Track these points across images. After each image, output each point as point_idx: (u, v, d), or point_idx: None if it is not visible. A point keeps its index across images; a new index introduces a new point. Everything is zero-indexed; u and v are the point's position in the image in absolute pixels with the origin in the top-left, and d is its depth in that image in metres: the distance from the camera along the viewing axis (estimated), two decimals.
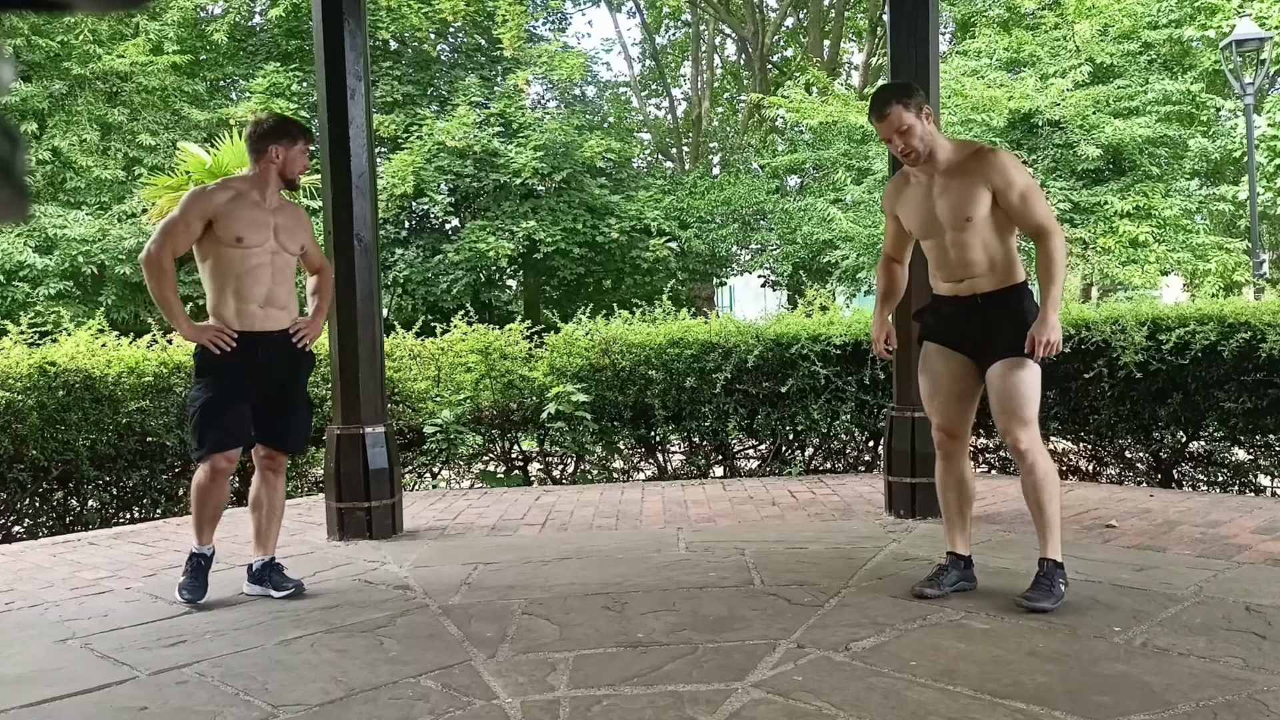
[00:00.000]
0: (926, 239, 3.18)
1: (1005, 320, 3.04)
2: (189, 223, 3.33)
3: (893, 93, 3.11)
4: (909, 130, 3.02)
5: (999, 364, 3.04)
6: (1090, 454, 5.84)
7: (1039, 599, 2.96)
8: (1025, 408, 3.01)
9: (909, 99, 3.05)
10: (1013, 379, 3.01)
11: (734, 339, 6.10)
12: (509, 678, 2.52)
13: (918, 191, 3.15)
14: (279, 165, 3.43)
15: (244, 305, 3.35)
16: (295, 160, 3.46)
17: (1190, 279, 14.60)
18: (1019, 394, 3.00)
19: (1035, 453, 3.03)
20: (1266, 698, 2.23)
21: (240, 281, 3.34)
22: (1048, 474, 3.04)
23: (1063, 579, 3.03)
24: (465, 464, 6.45)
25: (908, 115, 3.02)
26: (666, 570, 3.60)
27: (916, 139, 3.04)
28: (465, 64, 18.71)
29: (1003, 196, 3.00)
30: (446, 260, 16.25)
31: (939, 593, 3.12)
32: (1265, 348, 4.82)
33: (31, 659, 2.80)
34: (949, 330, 3.18)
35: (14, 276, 15.49)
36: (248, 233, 3.34)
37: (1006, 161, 3.03)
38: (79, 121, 16.69)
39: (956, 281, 3.12)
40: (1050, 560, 3.04)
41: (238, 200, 3.37)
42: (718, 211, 17.57)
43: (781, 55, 24.56)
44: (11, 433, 5.02)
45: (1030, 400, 3.01)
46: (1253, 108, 12.52)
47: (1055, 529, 3.06)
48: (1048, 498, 3.03)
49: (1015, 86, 14.38)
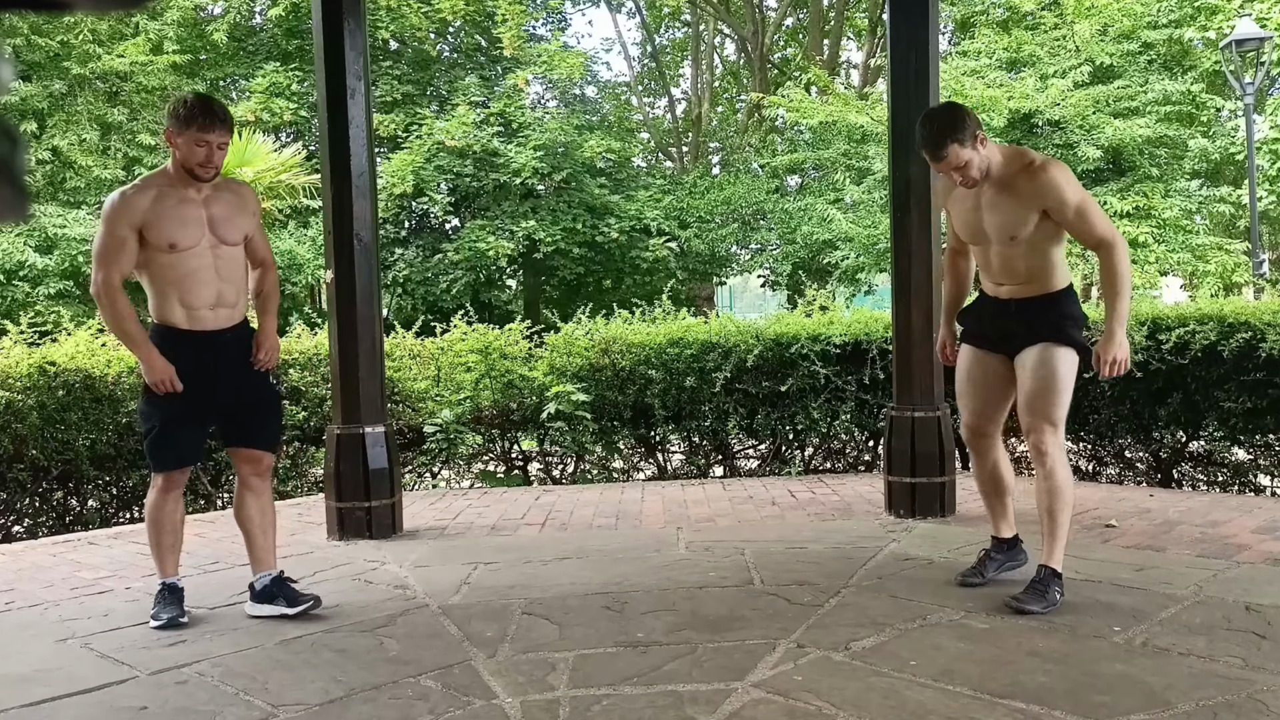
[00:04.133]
0: (973, 244, 3.16)
1: (1041, 317, 3.01)
2: (121, 239, 2.99)
3: (947, 130, 2.93)
4: (967, 165, 2.94)
5: (1033, 352, 2.99)
6: (1090, 454, 5.84)
7: (1029, 601, 2.92)
8: (1055, 408, 2.95)
9: (963, 133, 2.91)
10: (1044, 373, 2.96)
11: (734, 339, 6.10)
12: (509, 677, 2.52)
13: (967, 199, 3.10)
14: (177, 153, 3.03)
15: (192, 311, 3.06)
16: (185, 148, 2.99)
17: (1190, 280, 14.60)
18: (1050, 391, 2.95)
19: (1056, 459, 2.98)
20: (1266, 698, 2.23)
21: (183, 287, 3.03)
22: (1065, 483, 2.99)
23: (1059, 589, 2.98)
24: (465, 464, 6.45)
25: (965, 152, 2.92)
26: (666, 570, 3.60)
27: (975, 170, 2.96)
28: (465, 64, 18.71)
29: (1058, 214, 2.94)
30: (446, 260, 16.25)
31: (982, 580, 3.18)
32: (1265, 348, 4.82)
33: (31, 659, 2.80)
34: (986, 328, 3.17)
35: (14, 276, 15.48)
36: (180, 235, 3.00)
37: (1058, 180, 2.93)
38: (79, 121, 16.69)
39: (998, 284, 3.12)
40: (1049, 568, 3.00)
41: (162, 199, 3.01)
42: (717, 211, 17.58)
43: (782, 55, 24.56)
44: (11, 433, 5.01)
45: (1061, 400, 2.96)
46: (1253, 108, 12.52)
47: (1062, 539, 3.01)
48: (1061, 506, 2.98)
49: (1015, 86, 14.38)
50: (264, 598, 3.17)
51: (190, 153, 2.99)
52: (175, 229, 3.00)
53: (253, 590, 3.22)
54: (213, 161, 3.01)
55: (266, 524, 3.25)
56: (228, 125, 3.04)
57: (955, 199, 3.16)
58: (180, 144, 3.00)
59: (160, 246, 3.00)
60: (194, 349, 3.05)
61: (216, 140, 3.00)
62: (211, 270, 3.06)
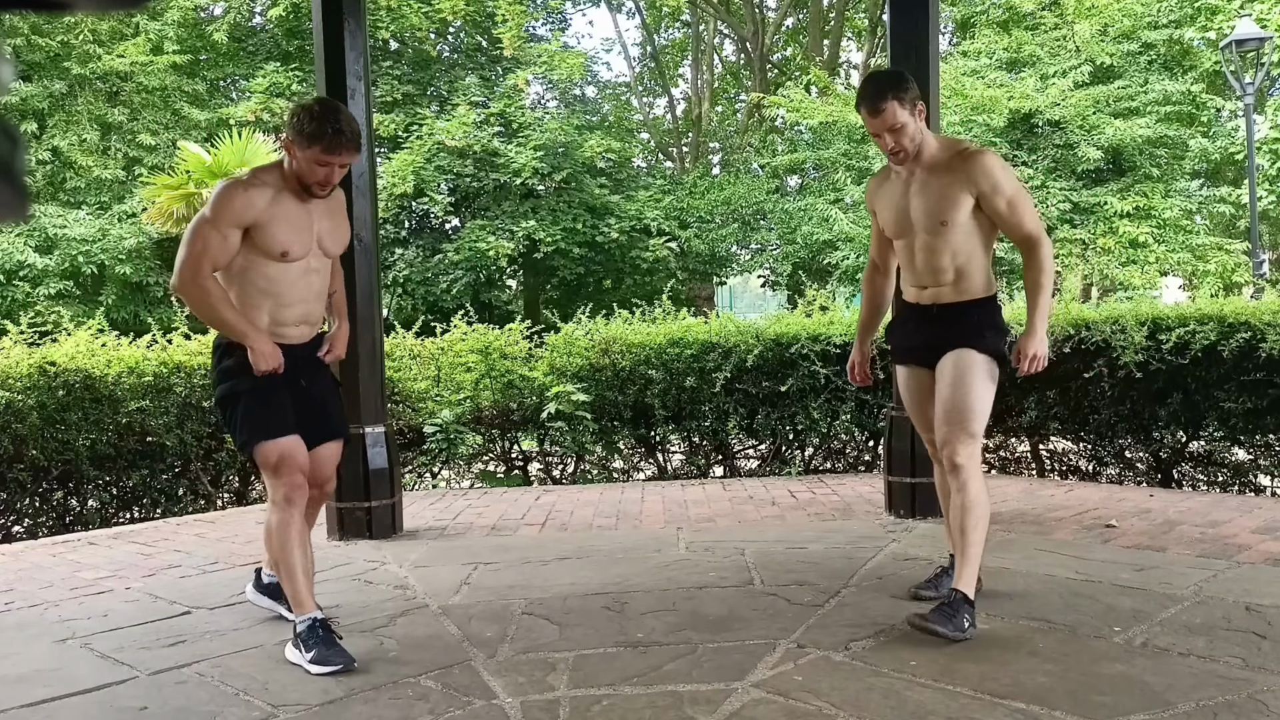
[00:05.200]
0: (899, 238, 2.99)
1: (962, 322, 2.88)
2: (226, 235, 2.69)
3: (888, 84, 2.86)
4: (901, 128, 2.83)
5: (949, 361, 2.85)
6: (1090, 454, 5.84)
7: (937, 622, 2.66)
8: (972, 419, 2.79)
9: (904, 93, 2.83)
10: (962, 385, 2.81)
11: (734, 339, 6.10)
12: (509, 678, 2.52)
13: (896, 187, 2.97)
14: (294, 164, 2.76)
15: (279, 328, 2.81)
16: (304, 164, 2.73)
17: (1190, 280, 14.60)
18: (967, 403, 2.80)
19: (970, 472, 2.79)
20: (1266, 698, 2.23)
21: (278, 300, 2.78)
22: (978, 498, 2.79)
23: (969, 616, 2.70)
24: (465, 464, 6.45)
25: (902, 112, 2.81)
26: (666, 570, 3.60)
27: (908, 138, 2.85)
28: (465, 64, 18.72)
29: (988, 202, 2.81)
30: (446, 260, 16.26)
31: (936, 595, 2.96)
32: (1265, 348, 4.82)
33: (31, 659, 2.80)
34: (910, 343, 3.04)
35: (14, 276, 15.49)
36: (295, 244, 2.75)
37: (994, 164, 2.82)
38: (79, 121, 16.69)
39: (920, 288, 2.96)
40: (960, 593, 2.73)
41: (278, 202, 2.75)
42: (718, 211, 17.58)
43: (782, 55, 24.56)
44: (11, 433, 5.01)
45: (979, 412, 2.80)
46: (1253, 108, 12.52)
47: (974, 561, 2.78)
48: (973, 523, 2.77)
49: (1015, 87, 14.39)
50: (270, 592, 3.10)
51: (309, 170, 2.73)
52: (291, 236, 2.75)
53: (258, 578, 3.16)
54: (331, 182, 2.78)
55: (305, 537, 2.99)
56: (356, 145, 2.75)
57: (883, 192, 3.02)
58: (300, 158, 2.72)
59: (270, 253, 2.73)
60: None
61: (339, 162, 2.75)
62: (306, 286, 2.83)
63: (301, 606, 2.72)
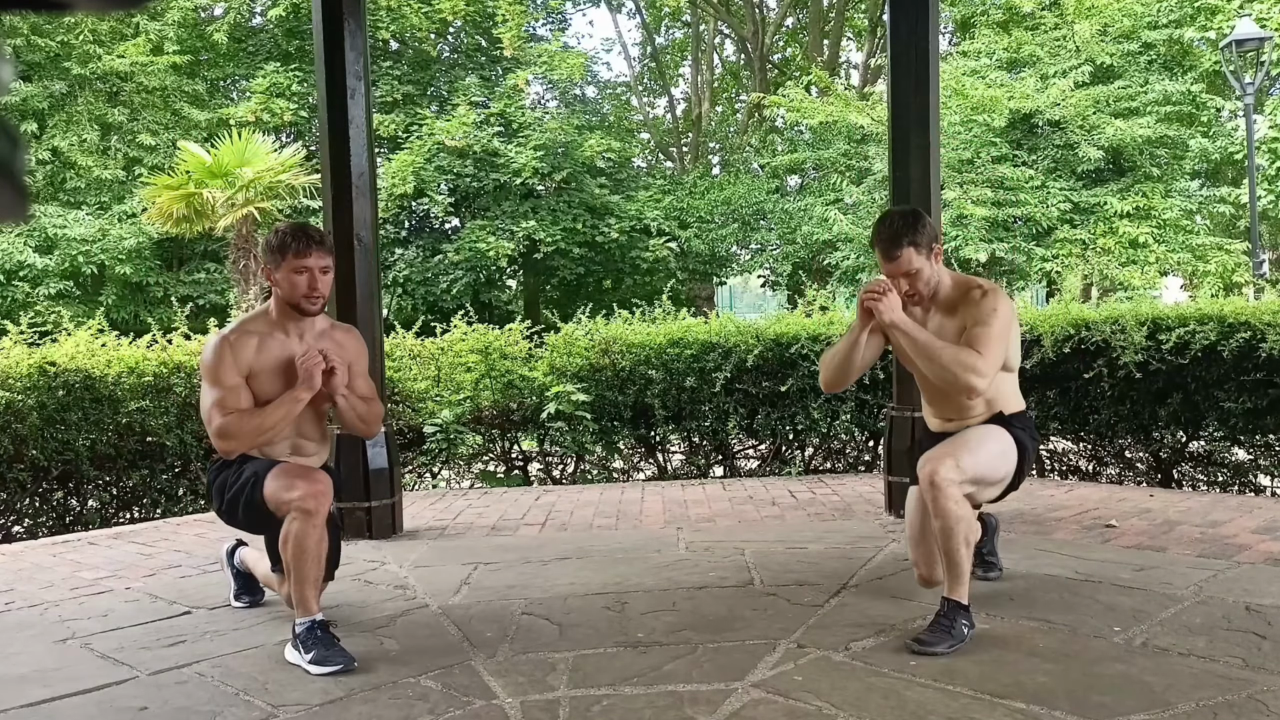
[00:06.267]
0: (918, 373, 2.92)
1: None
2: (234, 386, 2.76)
3: (903, 229, 2.76)
4: (917, 274, 2.77)
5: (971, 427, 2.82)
6: (1090, 454, 5.84)
7: (934, 642, 2.60)
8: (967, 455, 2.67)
9: (920, 236, 2.75)
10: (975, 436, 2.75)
11: (734, 339, 6.10)
12: (509, 678, 2.52)
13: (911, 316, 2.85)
14: (279, 290, 2.83)
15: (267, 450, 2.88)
16: (285, 281, 2.78)
17: (1190, 280, 14.61)
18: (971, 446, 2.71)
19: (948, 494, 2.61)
20: (1266, 698, 2.23)
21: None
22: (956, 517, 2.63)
23: (966, 623, 2.65)
24: (465, 464, 6.45)
25: (918, 258, 2.75)
26: (666, 570, 3.60)
27: (923, 283, 2.79)
28: (465, 64, 18.73)
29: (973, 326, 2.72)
30: (446, 260, 16.26)
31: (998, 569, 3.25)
32: (1265, 348, 4.82)
33: (31, 659, 2.80)
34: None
35: (14, 276, 15.51)
36: (279, 390, 2.80)
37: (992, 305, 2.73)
38: (79, 121, 16.70)
39: (946, 420, 2.93)
40: (953, 601, 2.68)
41: (264, 349, 2.81)
42: (717, 211, 17.58)
43: (782, 55, 24.57)
44: (11, 433, 5.01)
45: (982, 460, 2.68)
46: (1252, 108, 12.52)
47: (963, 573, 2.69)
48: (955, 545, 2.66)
49: (1015, 87, 14.39)
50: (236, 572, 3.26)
51: (292, 285, 2.78)
52: (276, 384, 2.80)
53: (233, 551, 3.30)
54: (317, 289, 2.80)
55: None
56: (325, 247, 2.82)
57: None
58: (279, 279, 2.80)
59: (258, 399, 2.80)
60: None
61: (317, 264, 2.79)
62: (292, 430, 2.86)
63: (305, 610, 2.71)
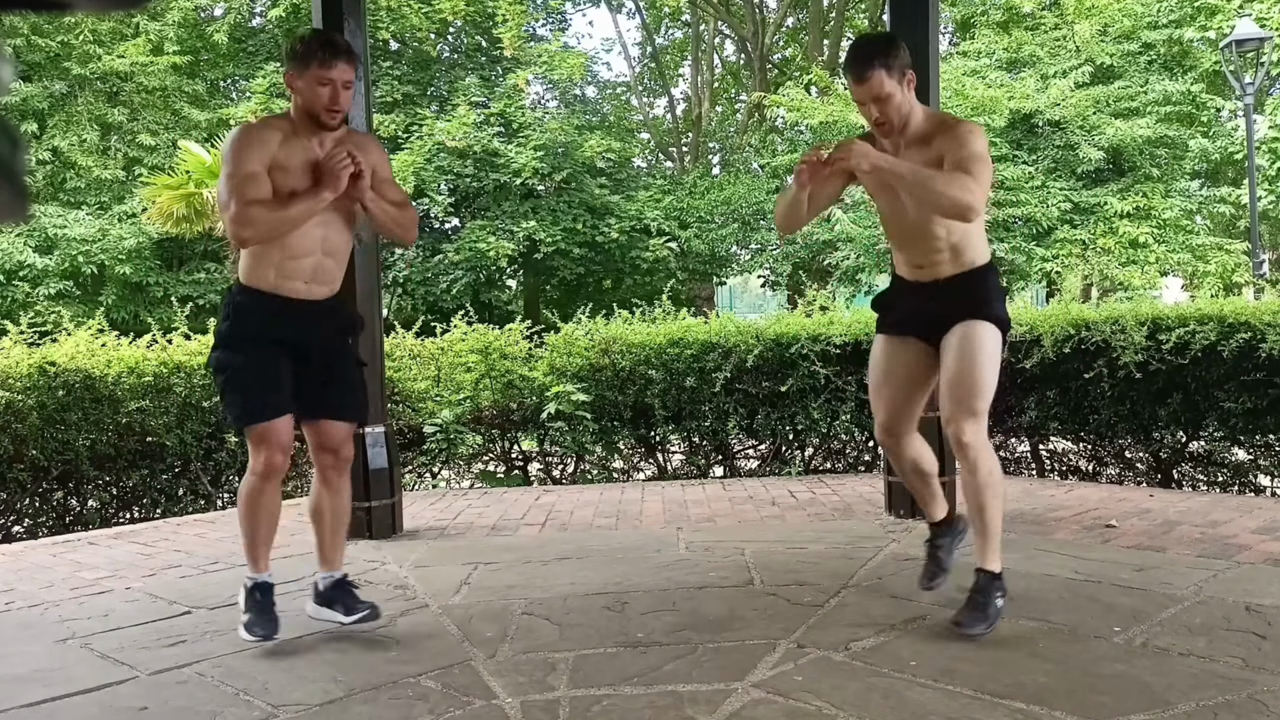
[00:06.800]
0: (889, 215, 2.90)
1: (964, 294, 2.81)
2: (254, 173, 2.64)
3: (876, 51, 2.71)
4: (888, 99, 2.69)
5: (956, 335, 2.76)
6: (1090, 454, 5.84)
7: (971, 623, 2.69)
8: (977, 398, 2.72)
9: (892, 60, 2.69)
10: (968, 362, 2.73)
11: (734, 339, 6.10)
12: (509, 678, 2.52)
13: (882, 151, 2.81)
14: (299, 99, 2.73)
15: (287, 281, 2.75)
16: (306, 90, 2.69)
17: (1190, 280, 14.61)
18: (972, 380, 2.72)
19: (979, 449, 2.72)
20: (1266, 698, 2.23)
21: (285, 251, 2.71)
22: (991, 474, 2.75)
23: (1000, 593, 2.76)
24: (465, 464, 6.45)
25: (890, 82, 2.67)
26: (666, 570, 3.60)
27: (894, 109, 2.71)
28: (465, 64, 18.72)
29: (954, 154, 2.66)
30: (446, 260, 16.26)
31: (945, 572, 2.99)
32: (1265, 348, 4.82)
33: (31, 659, 2.80)
34: (903, 313, 2.95)
35: (14, 276, 15.51)
36: (303, 188, 2.71)
37: (970, 133, 2.70)
38: (79, 121, 16.71)
39: (917, 267, 2.89)
40: (986, 572, 2.77)
41: (287, 147, 2.71)
42: (717, 211, 17.58)
43: (782, 55, 24.56)
44: (11, 433, 5.01)
45: (984, 390, 2.73)
46: (1252, 108, 12.52)
47: (995, 536, 2.79)
48: (989, 499, 2.75)
49: (1015, 87, 14.39)
50: (325, 601, 2.95)
51: (313, 95, 2.68)
52: (299, 180, 2.70)
53: (316, 590, 2.99)
54: (339, 103, 2.70)
55: (339, 523, 2.98)
56: (352, 59, 2.72)
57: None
58: (301, 87, 2.70)
59: (280, 197, 2.68)
60: (283, 308, 2.76)
61: (340, 77, 2.69)
62: (317, 240, 2.75)
63: (253, 565, 2.87)
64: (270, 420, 2.74)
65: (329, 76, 2.68)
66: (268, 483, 2.79)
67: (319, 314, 2.83)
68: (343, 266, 2.89)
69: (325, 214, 2.75)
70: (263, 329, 2.76)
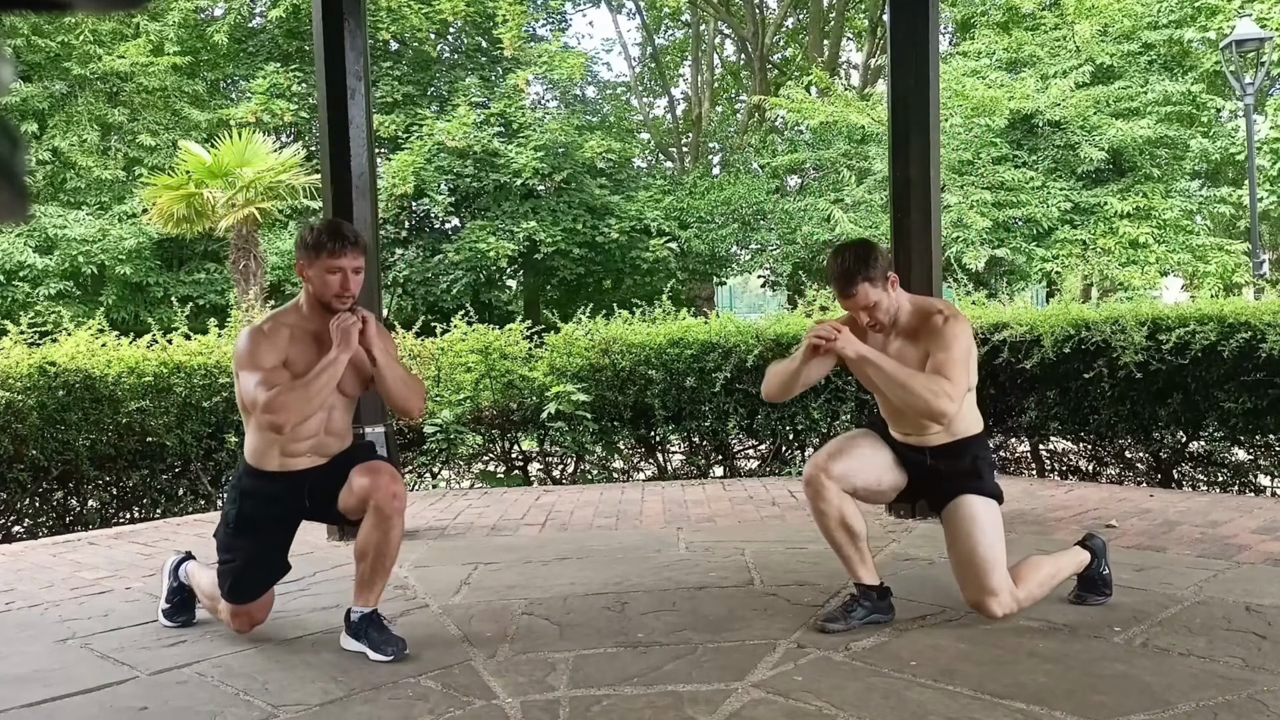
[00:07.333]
0: (878, 393, 2.95)
1: (959, 466, 2.87)
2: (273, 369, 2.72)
3: (855, 266, 2.77)
4: (875, 306, 2.80)
5: (955, 511, 2.84)
6: (1090, 454, 5.84)
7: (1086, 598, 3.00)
8: (990, 575, 2.78)
9: (873, 271, 2.77)
10: (972, 544, 2.80)
11: (734, 339, 6.10)
12: (509, 678, 2.52)
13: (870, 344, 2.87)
14: (310, 286, 2.81)
15: (288, 459, 2.84)
16: (317, 279, 2.77)
17: (1190, 280, 14.62)
18: (982, 561, 2.79)
19: (1012, 608, 2.80)
20: (1266, 698, 2.23)
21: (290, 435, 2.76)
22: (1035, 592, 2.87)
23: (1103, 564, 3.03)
24: (465, 464, 6.45)
25: (874, 291, 2.78)
26: (666, 570, 3.60)
27: (882, 313, 2.83)
28: (465, 64, 18.72)
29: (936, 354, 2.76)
30: (446, 260, 16.27)
31: (845, 627, 2.81)
32: (1265, 348, 4.82)
33: (31, 659, 2.80)
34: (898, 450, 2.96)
35: (14, 276, 15.51)
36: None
37: (954, 332, 2.78)
38: (79, 121, 16.71)
39: (905, 434, 2.95)
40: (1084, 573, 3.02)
41: (296, 341, 2.79)
42: (718, 211, 17.58)
43: (782, 55, 24.57)
44: (11, 433, 5.02)
45: (995, 566, 2.79)
46: (1253, 108, 12.52)
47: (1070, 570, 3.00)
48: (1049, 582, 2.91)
49: (1015, 87, 14.40)
50: (354, 633, 2.82)
51: (324, 284, 2.76)
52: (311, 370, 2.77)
53: (348, 621, 2.85)
54: (349, 290, 2.78)
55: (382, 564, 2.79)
56: (360, 247, 2.79)
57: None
58: (312, 276, 2.78)
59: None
60: (289, 486, 2.85)
61: (350, 264, 2.77)
62: (320, 423, 2.82)
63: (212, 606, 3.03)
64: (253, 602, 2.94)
65: (339, 265, 2.76)
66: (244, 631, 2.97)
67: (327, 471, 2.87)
68: (345, 444, 2.93)
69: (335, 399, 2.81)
70: (267, 512, 2.89)
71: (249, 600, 2.91)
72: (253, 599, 2.92)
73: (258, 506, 2.88)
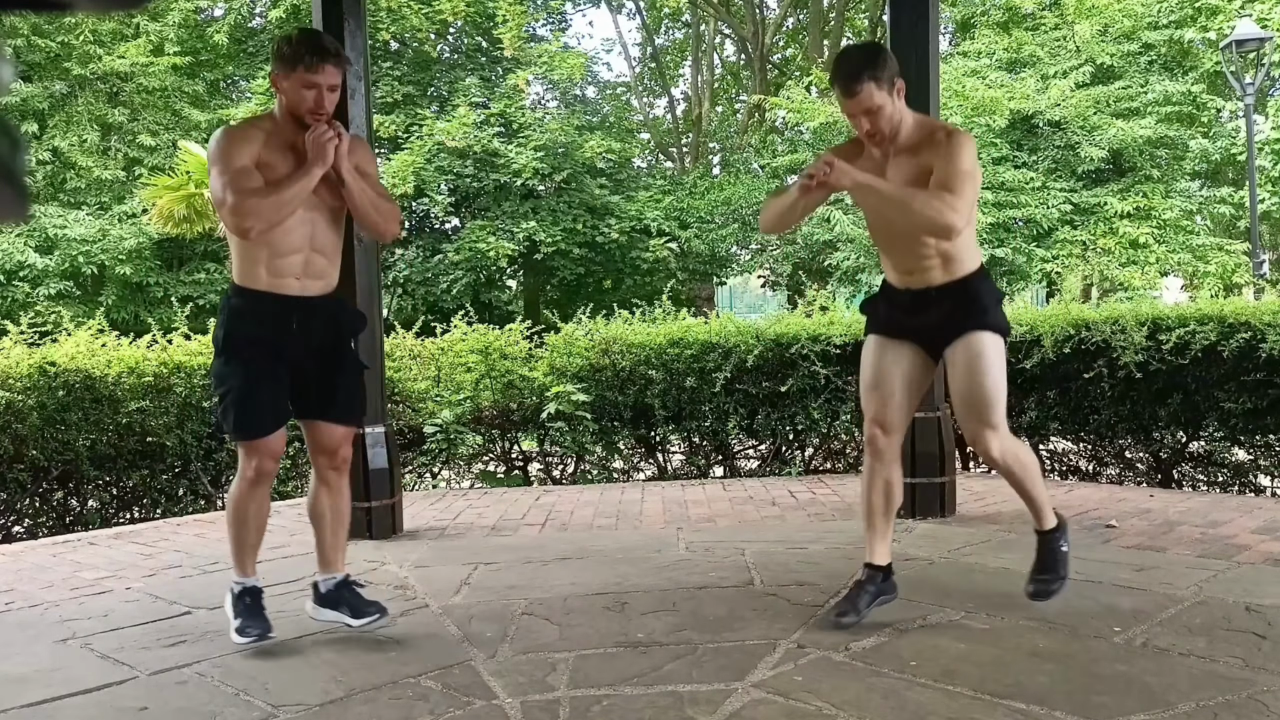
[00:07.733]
0: (875, 223, 2.89)
1: (962, 305, 2.79)
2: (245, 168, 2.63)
3: (863, 63, 2.65)
4: (878, 111, 2.65)
5: (960, 348, 2.76)
6: (1090, 454, 5.84)
7: (1047, 583, 2.90)
8: (993, 411, 2.76)
9: (881, 71, 2.63)
10: (977, 378, 2.74)
11: (734, 339, 6.10)
12: (509, 678, 2.51)
13: (869, 166, 2.76)
14: (284, 99, 2.72)
15: (278, 279, 2.72)
16: (291, 92, 2.68)
17: (1190, 280, 14.62)
18: (985, 395, 2.75)
19: (1006, 454, 2.81)
20: (1266, 698, 2.23)
21: (273, 249, 2.69)
22: (1025, 467, 2.86)
23: (1064, 540, 2.95)
24: (465, 464, 6.45)
25: (879, 94, 2.63)
26: (667, 570, 3.60)
27: (885, 120, 2.67)
28: (465, 64, 18.73)
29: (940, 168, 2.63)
30: (446, 260, 16.27)
31: (858, 617, 2.79)
32: (1265, 348, 4.82)
33: (31, 659, 2.80)
34: (899, 317, 2.89)
35: (14, 276, 15.51)
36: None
37: (959, 147, 2.66)
38: (79, 122, 16.71)
39: (906, 273, 2.85)
40: (1047, 531, 2.95)
41: (270, 144, 2.70)
42: (718, 211, 17.59)
43: (782, 55, 24.57)
44: (11, 433, 5.01)
45: (997, 401, 2.76)
46: (1253, 108, 12.53)
47: (1043, 501, 2.94)
48: (1030, 485, 2.87)
49: (1016, 87, 14.40)
50: (328, 602, 2.91)
51: (298, 98, 2.67)
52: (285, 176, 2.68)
53: (316, 591, 2.95)
54: (323, 106, 2.68)
55: (339, 523, 2.94)
56: (340, 61, 2.70)
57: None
58: (286, 89, 2.69)
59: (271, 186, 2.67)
60: (277, 308, 2.74)
61: (327, 81, 2.67)
62: (304, 236, 2.72)
63: (240, 570, 2.88)
64: (267, 434, 2.78)
65: (315, 80, 2.66)
66: (257, 488, 2.82)
67: (317, 313, 2.81)
68: (335, 263, 2.86)
69: (309, 210, 2.73)
70: (260, 332, 2.75)
71: (255, 434, 2.74)
72: (260, 432, 2.75)
73: (246, 326, 2.76)
